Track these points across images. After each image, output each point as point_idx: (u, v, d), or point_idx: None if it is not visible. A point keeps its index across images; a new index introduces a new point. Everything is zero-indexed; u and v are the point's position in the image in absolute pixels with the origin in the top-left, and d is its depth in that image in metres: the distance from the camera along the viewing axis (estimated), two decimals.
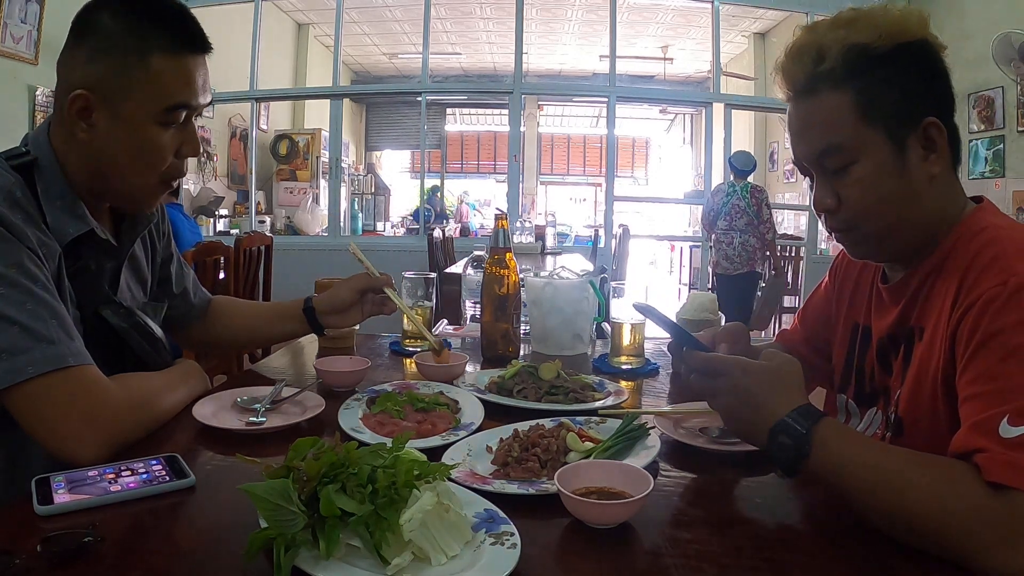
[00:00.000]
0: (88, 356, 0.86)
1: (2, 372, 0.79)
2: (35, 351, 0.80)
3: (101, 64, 0.91)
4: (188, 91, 0.95)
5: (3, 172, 0.89)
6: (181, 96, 0.94)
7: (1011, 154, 4.48)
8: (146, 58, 0.91)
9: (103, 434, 0.82)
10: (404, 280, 1.50)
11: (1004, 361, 0.69)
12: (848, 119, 0.81)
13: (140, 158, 0.95)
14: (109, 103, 0.92)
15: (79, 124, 0.92)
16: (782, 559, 0.64)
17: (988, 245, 0.77)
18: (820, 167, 0.86)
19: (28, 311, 0.81)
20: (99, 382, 0.85)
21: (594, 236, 6.21)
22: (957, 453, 0.68)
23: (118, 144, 0.94)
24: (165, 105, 0.93)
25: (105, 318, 1.00)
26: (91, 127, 0.92)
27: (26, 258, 0.84)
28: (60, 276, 0.91)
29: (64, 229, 0.92)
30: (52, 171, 0.94)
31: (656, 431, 0.91)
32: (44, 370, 0.80)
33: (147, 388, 0.95)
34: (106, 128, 0.93)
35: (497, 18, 7.88)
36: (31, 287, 0.82)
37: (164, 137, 0.95)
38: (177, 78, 0.94)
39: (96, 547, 0.60)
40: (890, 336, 0.92)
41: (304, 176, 7.62)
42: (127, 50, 0.91)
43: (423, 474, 0.63)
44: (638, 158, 12.66)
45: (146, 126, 0.93)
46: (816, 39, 0.83)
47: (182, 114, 0.96)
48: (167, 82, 0.93)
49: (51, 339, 0.81)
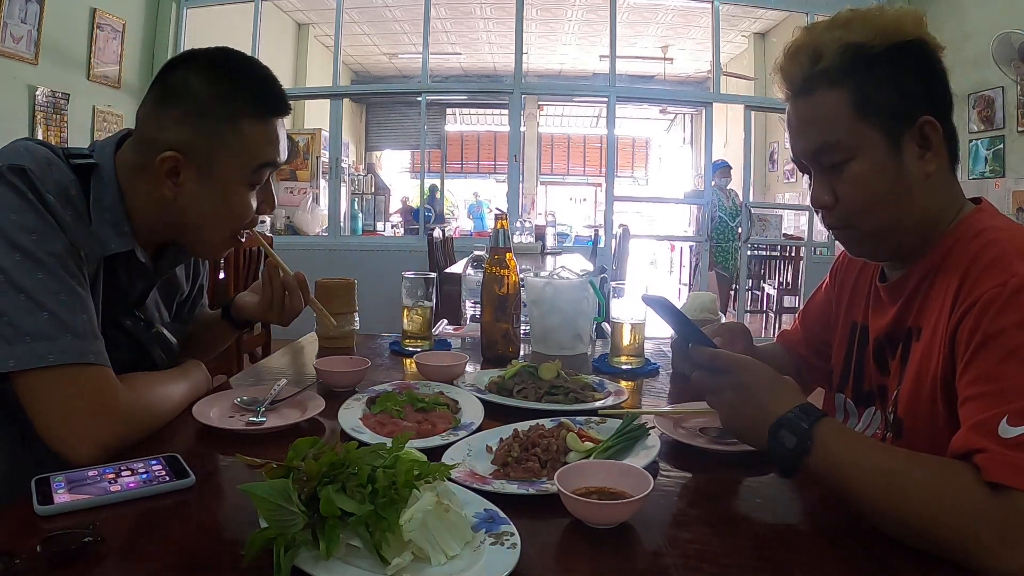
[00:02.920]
0: (107, 359, 0.87)
1: (24, 354, 0.79)
2: (59, 340, 0.81)
3: (192, 127, 0.93)
4: (274, 151, 0.99)
5: (63, 168, 0.91)
6: (267, 156, 0.98)
7: (1011, 154, 4.48)
8: (237, 123, 0.94)
9: (104, 438, 0.83)
10: (404, 280, 1.50)
11: (1004, 362, 0.69)
12: (844, 116, 0.82)
13: (225, 216, 0.99)
14: (199, 165, 0.94)
15: (166, 183, 0.94)
16: (782, 559, 0.64)
17: (988, 246, 0.77)
18: (817, 164, 0.87)
19: (61, 301, 0.82)
20: (111, 386, 0.86)
21: (594, 236, 6.21)
22: (957, 453, 0.68)
23: (205, 204, 0.96)
24: (253, 167, 0.97)
25: (126, 329, 1.01)
26: (178, 186, 0.95)
27: (68, 252, 0.85)
28: (96, 280, 0.93)
29: (106, 242, 0.93)
30: (109, 184, 0.95)
31: (656, 431, 0.91)
32: (64, 361, 0.81)
33: (153, 392, 0.95)
34: (194, 188, 0.95)
35: (497, 18, 7.88)
36: (68, 279, 0.84)
37: (249, 196, 0.99)
38: (265, 140, 0.97)
39: (96, 547, 0.60)
40: (887, 335, 0.92)
41: (304, 176, 7.61)
42: (219, 116, 0.94)
43: (423, 474, 0.63)
44: (638, 158, 12.67)
45: (235, 187, 0.97)
46: (813, 39, 0.84)
47: (267, 173, 0.99)
48: (256, 145, 0.96)
49: (77, 333, 0.83)
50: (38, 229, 0.83)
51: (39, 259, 0.82)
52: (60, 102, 4.27)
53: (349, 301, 1.53)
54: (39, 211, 0.83)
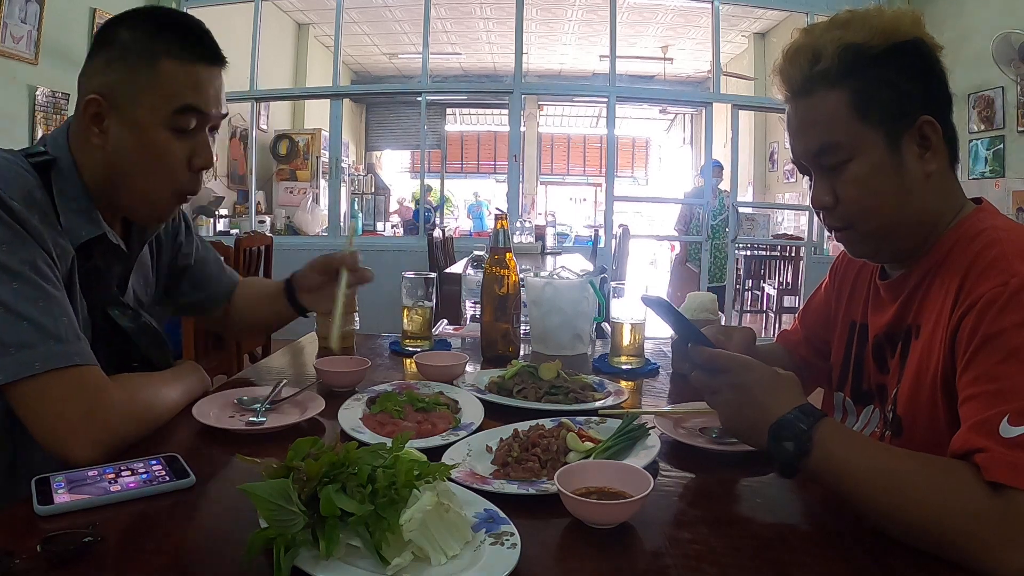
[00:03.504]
0: (93, 358, 0.86)
1: (10, 365, 0.79)
2: (43, 347, 0.81)
3: (114, 71, 0.93)
4: (196, 95, 0.96)
5: (24, 172, 0.90)
6: (188, 99, 0.95)
7: (1011, 154, 4.47)
8: (155, 62, 0.93)
9: (100, 435, 0.83)
10: (404, 280, 1.50)
11: (1004, 362, 0.69)
12: (844, 117, 0.82)
13: (150, 164, 0.96)
14: (120, 108, 0.93)
15: (92, 129, 0.94)
16: (782, 559, 0.64)
17: (989, 246, 0.77)
18: (817, 165, 0.87)
19: (40, 308, 0.82)
20: (101, 384, 0.86)
21: (594, 236, 6.21)
22: (957, 453, 0.68)
23: (128, 149, 0.95)
24: (173, 108, 0.94)
25: (113, 318, 1.00)
26: (103, 132, 0.94)
27: (40, 257, 0.85)
28: (72, 277, 0.92)
29: (77, 232, 0.93)
30: (69, 173, 0.95)
31: (656, 431, 0.91)
32: (51, 367, 0.81)
33: (147, 391, 0.95)
34: (117, 133, 0.94)
35: (497, 18, 7.88)
36: (44, 285, 0.83)
37: (173, 144, 0.96)
38: (185, 82, 0.95)
39: (96, 547, 0.60)
40: (887, 333, 0.92)
41: (304, 176, 7.61)
42: (139, 55, 0.93)
43: (423, 474, 0.63)
44: (638, 158, 12.66)
45: (155, 130, 0.94)
46: (812, 40, 0.84)
47: (191, 120, 0.96)
48: (174, 86, 0.94)
49: (60, 337, 0.82)
50: (6, 239, 0.82)
51: (12, 269, 0.81)
52: (60, 102, 4.27)
53: (349, 301, 1.53)
54: (5, 221, 0.83)
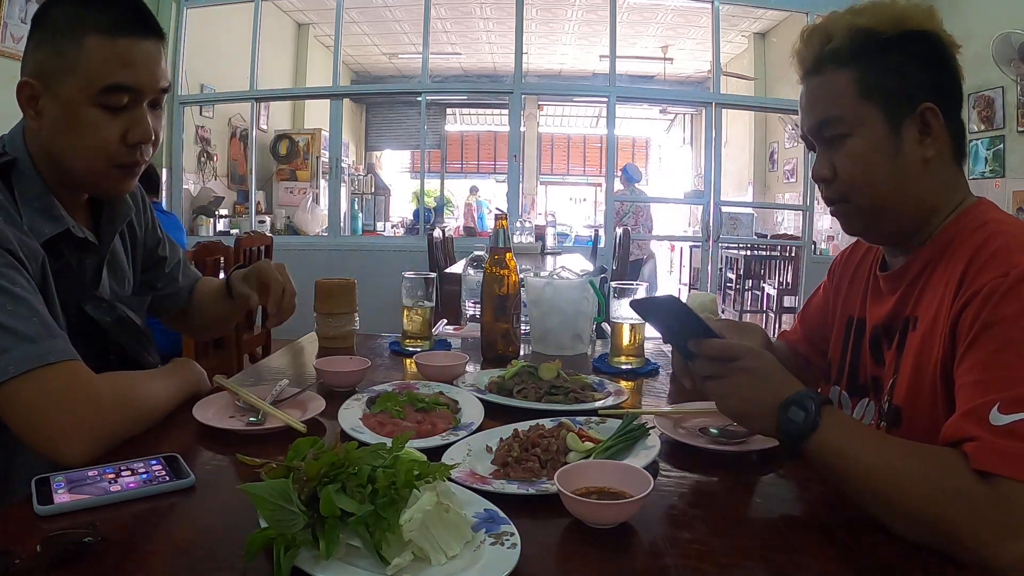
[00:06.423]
0: (73, 351, 0.85)
1: None
2: (15, 351, 0.80)
3: (43, 52, 0.93)
4: (125, 72, 0.93)
5: None
6: (116, 77, 0.92)
7: (1011, 154, 4.48)
8: (82, 40, 0.91)
9: (89, 430, 0.82)
10: (404, 280, 1.50)
11: (1000, 351, 0.70)
12: (848, 93, 0.86)
13: (80, 141, 0.94)
14: (51, 89, 0.92)
15: (29, 112, 0.94)
16: (782, 559, 0.64)
17: (992, 238, 0.79)
18: (820, 138, 0.91)
19: (8, 312, 0.81)
20: (83, 377, 0.85)
21: (594, 236, 6.21)
22: (948, 440, 0.70)
23: (60, 128, 0.94)
24: (100, 86, 0.92)
25: (88, 313, 1.00)
26: (38, 115, 0.94)
27: (5, 260, 0.84)
28: (44, 276, 0.92)
29: (40, 230, 0.93)
30: (28, 172, 0.95)
31: (656, 431, 0.91)
32: (24, 368, 0.80)
33: (133, 382, 0.94)
34: (49, 114, 0.93)
35: (497, 18, 7.87)
36: (10, 288, 0.83)
37: (104, 121, 0.93)
38: (112, 59, 0.92)
39: (96, 547, 0.60)
40: (885, 325, 0.93)
41: (304, 176, 7.61)
42: (66, 34, 0.91)
43: (423, 474, 0.63)
44: (638, 158, 12.65)
45: (83, 108, 0.92)
46: (827, 23, 0.89)
47: (123, 98, 0.93)
48: (100, 64, 0.91)
49: (31, 338, 0.81)
50: None
51: None
52: None
53: (349, 301, 1.53)
54: None
